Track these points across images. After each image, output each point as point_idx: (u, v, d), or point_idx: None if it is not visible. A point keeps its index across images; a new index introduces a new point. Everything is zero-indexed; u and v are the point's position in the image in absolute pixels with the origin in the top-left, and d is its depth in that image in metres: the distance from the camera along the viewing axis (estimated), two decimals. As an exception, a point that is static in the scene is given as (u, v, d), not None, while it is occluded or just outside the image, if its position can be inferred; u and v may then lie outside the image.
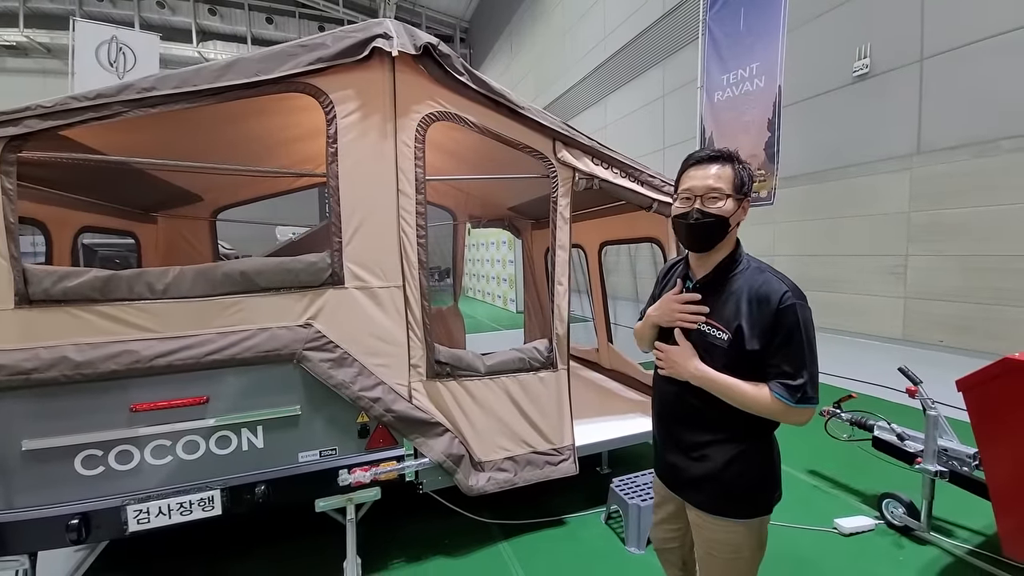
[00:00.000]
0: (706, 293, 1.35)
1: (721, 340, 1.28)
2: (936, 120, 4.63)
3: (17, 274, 1.73)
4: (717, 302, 1.32)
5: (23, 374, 1.71)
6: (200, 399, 1.93)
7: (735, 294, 1.29)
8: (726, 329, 1.28)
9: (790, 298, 1.22)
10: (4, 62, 15.33)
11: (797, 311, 1.21)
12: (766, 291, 1.24)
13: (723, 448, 1.34)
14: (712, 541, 1.38)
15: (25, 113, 1.75)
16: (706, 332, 1.32)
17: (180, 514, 1.89)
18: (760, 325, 1.23)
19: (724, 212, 1.29)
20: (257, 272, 1.99)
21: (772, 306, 1.22)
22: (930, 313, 4.73)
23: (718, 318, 1.30)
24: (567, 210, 2.56)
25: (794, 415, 1.23)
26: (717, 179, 1.29)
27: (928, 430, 2.43)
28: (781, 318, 1.21)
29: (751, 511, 1.35)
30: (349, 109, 2.10)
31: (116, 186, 3.06)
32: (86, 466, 1.82)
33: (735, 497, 1.34)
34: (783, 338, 1.21)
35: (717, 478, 1.35)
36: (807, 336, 1.22)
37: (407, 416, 2.22)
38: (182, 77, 1.87)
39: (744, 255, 1.36)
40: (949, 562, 2.33)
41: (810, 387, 1.21)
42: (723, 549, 1.36)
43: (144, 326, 1.85)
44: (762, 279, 1.27)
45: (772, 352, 1.23)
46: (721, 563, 1.37)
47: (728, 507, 1.35)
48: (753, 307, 1.24)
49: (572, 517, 2.79)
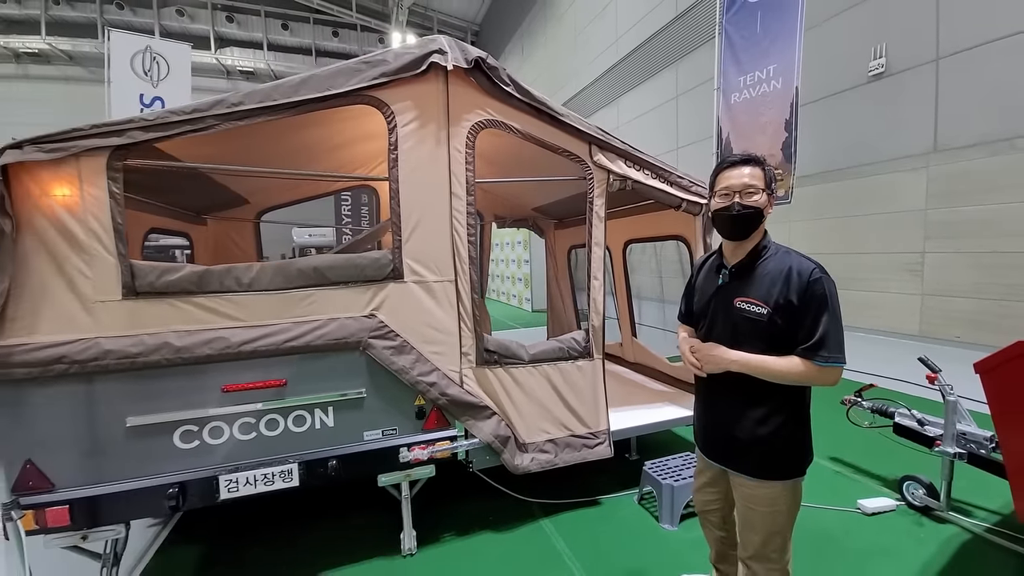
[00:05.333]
0: (742, 276, 1.55)
1: (760, 315, 1.47)
2: (953, 119, 4.73)
3: (124, 269, 1.94)
4: (753, 282, 1.52)
5: (129, 358, 1.93)
6: (280, 381, 2.14)
7: (769, 274, 1.49)
8: (764, 304, 1.47)
9: (818, 273, 1.43)
10: (27, 69, 15.80)
11: (824, 284, 1.42)
12: (797, 268, 1.44)
13: (762, 421, 1.52)
14: (753, 497, 1.57)
15: (129, 125, 1.95)
16: (746, 309, 1.51)
17: (264, 484, 2.10)
18: (794, 297, 1.42)
19: (759, 204, 1.50)
20: (328, 267, 2.20)
21: (804, 280, 1.42)
22: (947, 309, 4.82)
23: (756, 295, 1.50)
24: (602, 209, 2.75)
25: (825, 375, 1.42)
26: (752, 177, 1.51)
27: (947, 414, 2.57)
28: (811, 289, 1.41)
29: (788, 473, 1.54)
30: (408, 119, 2.30)
31: (178, 191, 3.30)
32: (184, 440, 2.04)
33: (774, 463, 1.53)
34: (814, 307, 1.41)
35: (757, 448, 1.54)
36: (832, 305, 1.41)
37: (459, 400, 2.41)
38: (264, 92, 2.08)
39: (772, 242, 1.57)
40: (967, 539, 2.47)
41: (836, 348, 1.40)
42: (762, 503, 1.55)
43: (233, 315, 2.07)
44: (791, 259, 1.48)
45: (803, 320, 1.42)
46: (760, 516, 1.56)
47: (768, 471, 1.54)
48: (787, 283, 1.44)
49: (606, 498, 2.97)
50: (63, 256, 1.88)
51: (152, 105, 7.12)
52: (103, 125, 1.90)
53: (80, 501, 1.92)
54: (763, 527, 1.56)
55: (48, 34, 15.18)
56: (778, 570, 1.59)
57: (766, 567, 1.59)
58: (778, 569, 1.59)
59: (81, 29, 15.66)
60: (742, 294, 1.52)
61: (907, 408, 2.88)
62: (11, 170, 1.80)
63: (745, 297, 1.51)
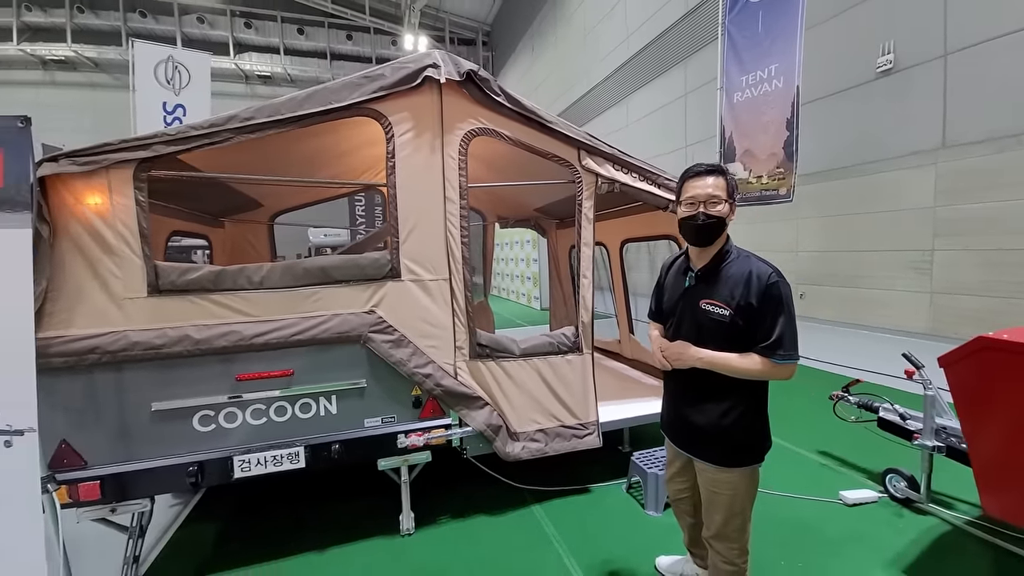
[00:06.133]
0: (707, 280, 1.67)
1: (723, 316, 1.60)
2: (961, 115, 4.71)
3: (150, 269, 2.16)
4: (716, 286, 1.64)
5: (154, 349, 2.15)
6: (287, 372, 2.34)
7: (732, 278, 1.61)
8: (727, 306, 1.59)
9: (775, 277, 1.55)
10: (54, 75, 16.44)
11: (780, 287, 1.54)
12: (757, 273, 1.57)
13: (724, 413, 1.66)
14: (715, 482, 1.71)
15: (153, 139, 2.17)
16: (710, 311, 1.63)
17: (273, 465, 2.30)
18: (753, 300, 1.55)
19: (722, 214, 1.61)
20: (333, 267, 2.40)
21: (763, 284, 1.54)
22: (956, 307, 4.81)
23: (719, 298, 1.62)
24: (591, 211, 2.88)
25: (780, 371, 1.55)
26: (716, 188, 1.62)
27: (926, 409, 2.65)
28: (769, 292, 1.54)
29: (746, 461, 1.68)
30: (404, 129, 2.48)
31: (197, 197, 3.54)
32: (202, 424, 2.26)
33: (734, 452, 1.67)
34: (771, 308, 1.53)
35: (719, 438, 1.68)
36: (788, 307, 1.54)
37: (453, 390, 2.58)
38: (273, 107, 2.28)
39: (733, 247, 1.68)
40: (945, 530, 2.55)
41: (791, 347, 1.53)
42: (724, 487, 1.69)
43: (245, 311, 2.27)
44: (751, 264, 1.60)
45: (762, 320, 1.54)
46: (722, 498, 1.70)
47: (729, 459, 1.68)
48: (747, 286, 1.56)
49: (596, 486, 3.11)
50: (95, 258, 2.10)
51: (174, 112, 7.46)
52: (130, 140, 2.11)
53: (110, 477, 2.15)
54: (724, 508, 1.70)
55: (74, 41, 15.79)
56: (737, 548, 1.73)
57: (727, 545, 1.73)
58: (737, 548, 1.73)
59: (106, 37, 16.27)
60: (707, 296, 1.65)
61: (891, 403, 2.95)
62: (48, 181, 2.02)
63: (709, 299, 1.63)
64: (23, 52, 15.55)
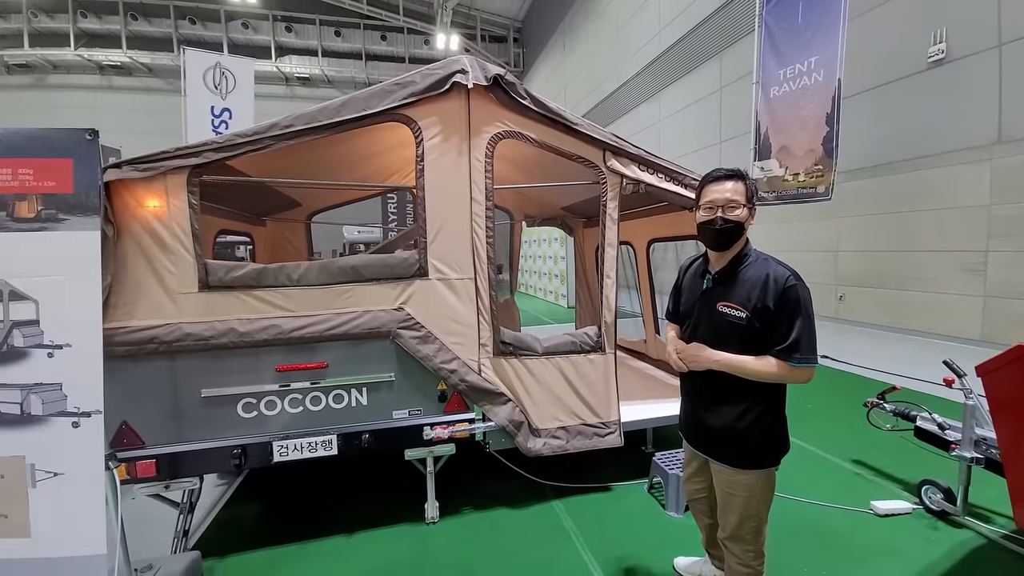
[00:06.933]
0: (724, 282, 1.68)
1: (740, 318, 1.60)
2: (1018, 108, 4.42)
3: (200, 267, 2.35)
4: (734, 288, 1.64)
5: (204, 340, 2.33)
6: (322, 364, 2.49)
7: (749, 280, 1.61)
8: (743, 308, 1.60)
9: (792, 280, 1.55)
10: (111, 80, 17.60)
11: (798, 290, 1.54)
12: (774, 276, 1.57)
13: (740, 415, 1.66)
14: (731, 483, 1.71)
15: (204, 147, 2.34)
16: (727, 313, 1.64)
17: (309, 451, 2.46)
18: (771, 303, 1.55)
19: (740, 218, 1.62)
20: (364, 266, 2.53)
21: (780, 287, 1.54)
22: (1012, 312, 4.53)
23: (736, 300, 1.62)
24: (615, 212, 2.90)
25: (797, 374, 1.55)
26: (734, 192, 1.62)
27: (965, 418, 2.54)
28: (786, 295, 1.53)
29: (762, 463, 1.68)
30: (433, 133, 2.57)
31: (242, 198, 3.77)
32: (245, 411, 2.44)
33: (750, 454, 1.68)
34: (788, 312, 1.53)
35: (735, 440, 1.68)
36: (806, 310, 1.54)
37: (477, 386, 2.67)
38: (310, 115, 2.42)
39: (752, 250, 1.69)
40: (980, 544, 2.45)
41: (809, 350, 1.52)
42: (739, 489, 1.69)
43: (284, 306, 2.43)
44: (769, 267, 1.60)
45: (779, 323, 1.54)
46: (737, 500, 1.70)
47: (744, 461, 1.68)
48: (764, 289, 1.56)
49: (618, 485, 3.14)
50: (154, 256, 2.30)
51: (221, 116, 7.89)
52: (184, 148, 2.30)
53: (164, 456, 2.35)
54: (739, 510, 1.71)
55: (129, 48, 16.83)
56: (752, 551, 1.73)
57: (742, 547, 1.74)
58: (752, 550, 1.73)
59: (159, 43, 17.26)
60: (724, 299, 1.65)
61: (929, 412, 2.84)
62: (112, 186, 2.22)
63: (726, 302, 1.64)
64: (80, 57, 16.69)
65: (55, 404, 1.85)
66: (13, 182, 1.85)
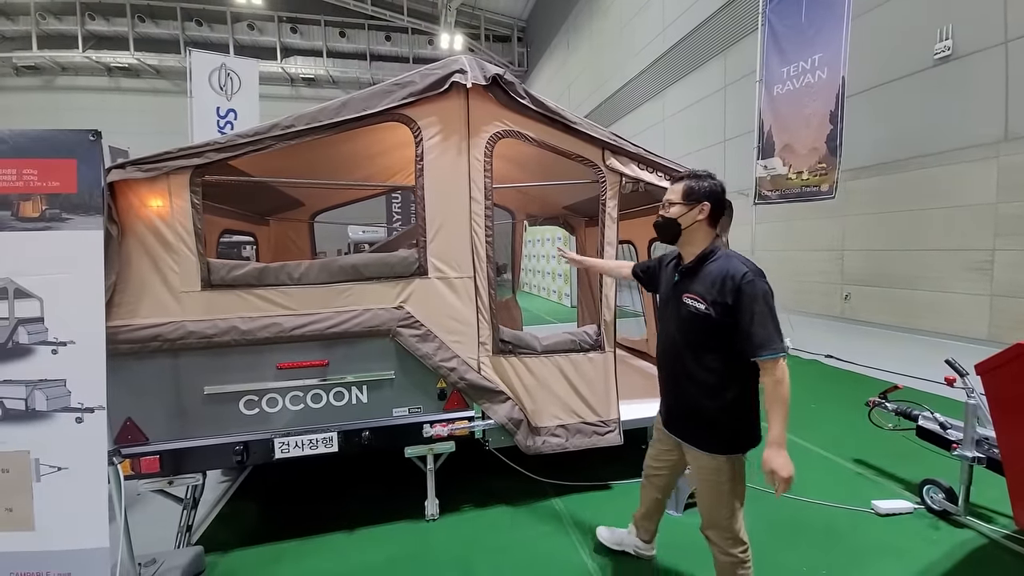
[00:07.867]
0: (690, 276, 1.78)
1: (699, 310, 1.69)
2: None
3: (203, 266, 2.38)
4: (697, 282, 1.73)
5: (207, 338, 2.36)
6: (323, 362, 2.51)
7: (711, 275, 1.69)
8: (703, 300, 1.68)
9: (749, 276, 1.60)
10: (119, 82, 17.82)
11: (756, 284, 1.59)
12: (731, 273, 1.63)
13: (711, 400, 1.73)
14: (700, 468, 1.80)
15: (206, 147, 2.37)
16: (689, 304, 1.73)
17: (310, 448, 2.49)
18: (728, 299, 1.61)
19: (673, 215, 1.77)
20: (364, 265, 2.55)
21: (736, 283, 1.60)
22: (1020, 312, 4.48)
23: (697, 292, 1.71)
24: (615, 210, 2.90)
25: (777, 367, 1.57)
26: (672, 192, 1.80)
27: (967, 418, 2.52)
28: (743, 290, 1.59)
29: (728, 448, 1.73)
30: (433, 133, 2.59)
31: (245, 198, 3.80)
32: (247, 407, 2.46)
33: (717, 438, 1.74)
34: (747, 306, 1.58)
35: (704, 424, 1.76)
36: (766, 303, 1.58)
37: (477, 384, 2.68)
38: (311, 115, 2.44)
39: (719, 248, 1.76)
40: (981, 543, 2.43)
41: (774, 341, 1.56)
42: (707, 473, 1.77)
43: (285, 305, 2.46)
44: (730, 264, 1.67)
45: (740, 319, 1.59)
46: (706, 485, 1.79)
47: (711, 445, 1.76)
48: (722, 285, 1.64)
49: (617, 483, 3.14)
50: (157, 255, 2.33)
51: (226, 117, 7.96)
52: (186, 148, 2.33)
53: (168, 452, 2.38)
54: (709, 496, 1.79)
55: (136, 50, 17.00)
56: (730, 538, 1.78)
57: (719, 534, 1.80)
58: (730, 537, 1.78)
59: (165, 45, 17.42)
60: (687, 291, 1.75)
61: (931, 411, 2.82)
62: (116, 186, 2.25)
63: (689, 294, 1.74)
64: (88, 59, 16.88)
65: (59, 400, 1.89)
66: (18, 182, 1.88)
